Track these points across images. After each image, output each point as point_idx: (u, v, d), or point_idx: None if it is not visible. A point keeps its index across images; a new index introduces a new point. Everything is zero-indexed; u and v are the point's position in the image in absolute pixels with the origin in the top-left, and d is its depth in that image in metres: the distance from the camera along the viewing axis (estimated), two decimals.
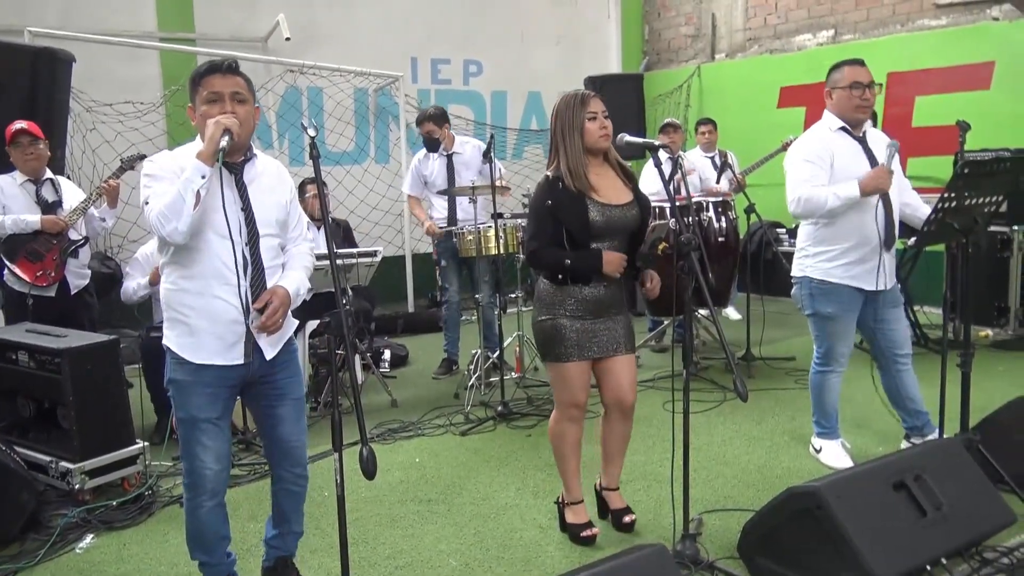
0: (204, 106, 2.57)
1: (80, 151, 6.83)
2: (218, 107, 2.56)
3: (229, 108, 2.56)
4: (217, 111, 2.55)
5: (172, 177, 2.52)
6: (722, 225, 5.78)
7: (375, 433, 4.72)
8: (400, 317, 7.82)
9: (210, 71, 2.58)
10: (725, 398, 5.07)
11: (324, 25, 8.28)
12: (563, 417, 3.24)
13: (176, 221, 2.45)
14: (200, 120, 2.59)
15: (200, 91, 2.58)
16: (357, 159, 8.57)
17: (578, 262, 3.07)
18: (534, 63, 9.65)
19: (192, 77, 2.62)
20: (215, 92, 2.56)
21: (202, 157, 2.46)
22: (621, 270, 3.06)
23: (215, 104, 2.56)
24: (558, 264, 3.09)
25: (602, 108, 3.09)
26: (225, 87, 2.57)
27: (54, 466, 3.83)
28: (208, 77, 2.57)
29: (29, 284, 4.62)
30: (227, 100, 2.57)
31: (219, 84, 2.57)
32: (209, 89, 2.57)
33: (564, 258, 3.07)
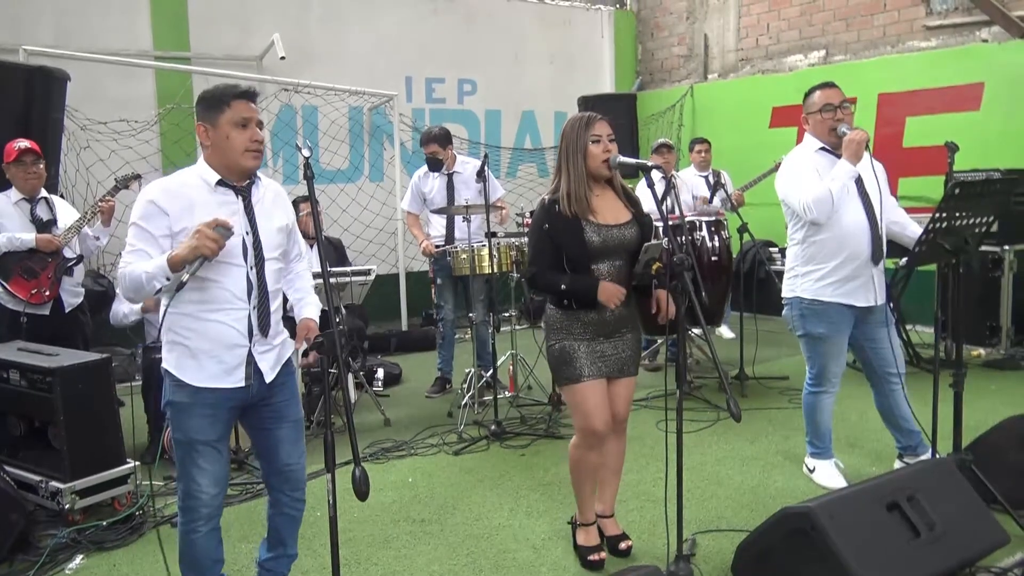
0: (231, 128, 2.54)
1: (74, 169, 6.82)
2: (248, 132, 2.55)
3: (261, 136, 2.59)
4: (247, 136, 2.55)
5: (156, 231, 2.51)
6: (715, 244, 5.81)
7: (368, 452, 4.70)
8: (394, 335, 7.81)
9: (243, 95, 2.57)
10: (719, 418, 5.07)
11: (319, 44, 8.32)
12: (583, 444, 3.21)
13: (133, 295, 2.57)
14: (219, 140, 2.56)
15: (227, 112, 2.54)
16: (351, 177, 8.58)
17: (574, 287, 3.06)
18: (528, 82, 9.70)
19: (215, 96, 2.58)
20: (247, 117, 2.56)
21: (171, 262, 2.42)
22: (617, 303, 3.04)
23: (245, 129, 2.55)
24: (555, 288, 3.09)
25: (608, 132, 3.09)
26: (254, 114, 2.58)
27: (44, 486, 3.80)
28: (241, 101, 2.56)
29: (23, 302, 4.61)
30: (254, 127, 2.58)
31: (249, 110, 2.57)
32: (241, 114, 2.55)
33: (561, 282, 3.06)
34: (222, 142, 2.56)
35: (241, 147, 2.56)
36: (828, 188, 3.56)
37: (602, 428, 3.13)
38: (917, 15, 7.80)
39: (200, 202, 2.56)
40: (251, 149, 2.58)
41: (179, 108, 7.32)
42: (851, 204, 3.65)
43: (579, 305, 3.10)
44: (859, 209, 3.65)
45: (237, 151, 2.56)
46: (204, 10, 7.76)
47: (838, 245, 3.66)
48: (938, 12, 7.68)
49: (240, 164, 2.58)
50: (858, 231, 3.64)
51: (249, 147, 2.57)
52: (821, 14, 8.61)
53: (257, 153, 2.60)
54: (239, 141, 2.55)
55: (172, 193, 2.56)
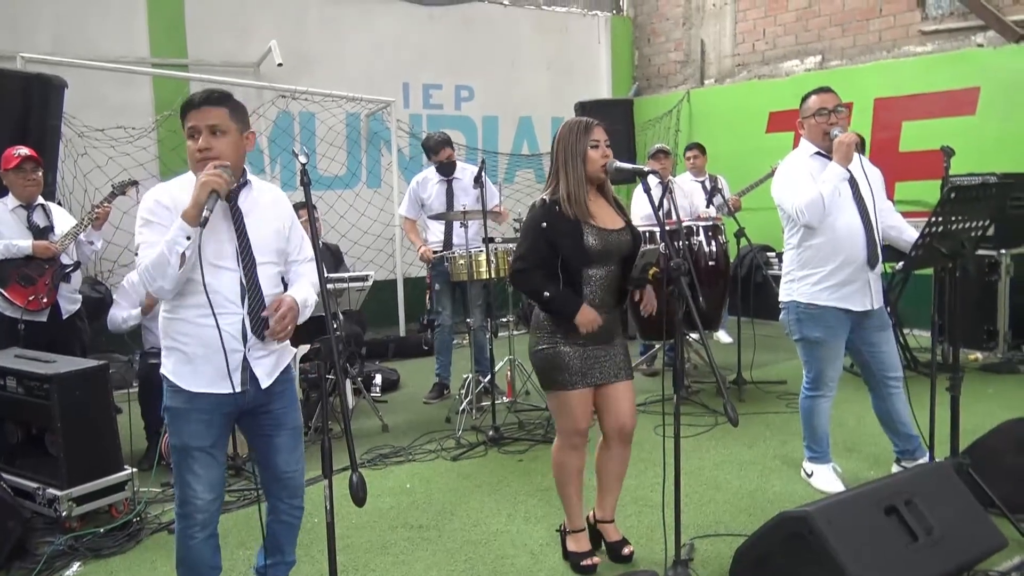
0: (189, 141, 2.59)
1: (72, 176, 6.83)
2: (195, 142, 2.56)
3: (204, 144, 2.54)
4: (194, 148, 2.56)
5: (166, 222, 2.51)
6: (712, 249, 5.81)
7: (366, 458, 4.70)
8: (391, 341, 7.81)
9: (187, 106, 2.59)
10: (716, 422, 5.07)
11: (316, 51, 8.34)
12: (565, 445, 3.22)
13: (161, 280, 2.47)
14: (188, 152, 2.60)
15: (185, 124, 2.59)
16: (349, 183, 8.59)
17: (555, 301, 3.06)
18: (525, 88, 9.72)
19: (181, 108, 2.63)
20: (192, 127, 2.57)
21: (186, 217, 2.44)
22: (591, 330, 3.04)
23: (193, 139, 2.57)
24: (538, 295, 3.08)
25: (605, 137, 3.11)
26: (201, 121, 2.56)
27: (41, 493, 3.80)
28: (187, 111, 2.58)
29: (21, 309, 4.61)
30: (204, 134, 2.55)
31: (195, 118, 2.57)
32: (188, 124, 2.57)
33: (544, 291, 3.06)
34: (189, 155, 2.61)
35: (193, 159, 2.59)
36: (819, 191, 3.57)
37: (587, 427, 3.16)
38: (913, 20, 7.83)
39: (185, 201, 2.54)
40: (195, 158, 2.58)
41: (176, 115, 7.29)
42: (846, 208, 3.66)
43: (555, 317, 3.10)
44: (854, 213, 3.67)
45: (192, 162, 2.59)
46: (201, 17, 7.77)
47: (833, 249, 3.67)
48: (934, 17, 7.71)
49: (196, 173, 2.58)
50: (853, 235, 3.66)
51: (196, 157, 2.58)
52: (817, 19, 8.64)
53: (203, 161, 2.55)
54: (191, 152, 2.58)
55: (172, 194, 2.58)
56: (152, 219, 2.54)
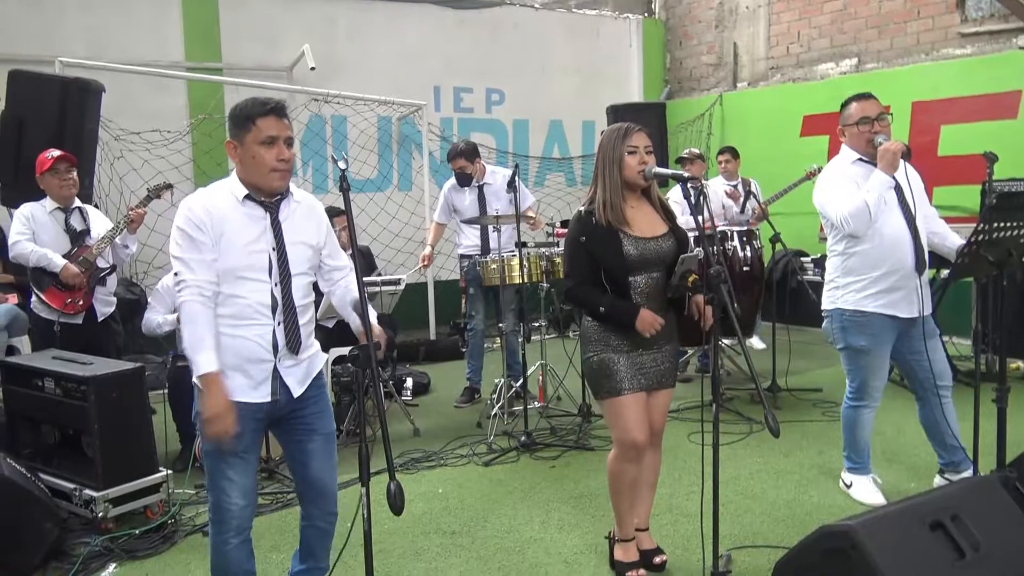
0: (258, 147, 2.51)
1: (108, 179, 6.91)
2: (275, 150, 2.52)
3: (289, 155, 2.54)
4: (273, 155, 2.51)
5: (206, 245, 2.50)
6: (747, 254, 5.75)
7: (398, 463, 4.69)
8: (422, 344, 7.81)
9: (269, 112, 2.52)
10: (751, 430, 5.00)
11: (348, 55, 8.37)
12: (621, 457, 3.16)
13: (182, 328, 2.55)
14: (246, 158, 2.54)
15: (253, 130, 2.51)
16: (380, 186, 8.62)
17: (612, 312, 3.03)
18: (555, 92, 9.69)
19: (242, 113, 2.54)
20: (272, 136, 2.52)
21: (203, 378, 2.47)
22: (653, 333, 3.00)
23: (271, 147, 2.52)
24: (593, 309, 3.06)
25: (645, 143, 3.06)
26: (281, 131, 2.54)
27: (78, 494, 3.83)
28: (266, 118, 2.51)
29: (58, 312, 4.66)
30: (283, 144, 2.54)
31: (275, 128, 2.53)
32: (267, 132, 2.51)
33: (599, 305, 3.03)
34: (249, 160, 2.53)
35: (267, 167, 2.52)
36: (864, 200, 3.50)
37: (642, 440, 3.09)
38: (952, 22, 7.69)
39: (228, 216, 2.55)
40: (277, 168, 2.53)
41: (211, 119, 7.39)
42: (892, 214, 3.59)
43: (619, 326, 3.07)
44: (900, 219, 3.59)
45: (263, 170, 2.53)
46: (235, 22, 7.84)
47: (880, 255, 3.60)
48: (973, 19, 7.57)
49: (266, 184, 2.56)
50: (900, 241, 3.58)
51: (276, 167, 2.53)
52: (853, 22, 8.52)
53: (284, 172, 2.56)
54: (265, 160, 2.52)
55: (204, 206, 2.55)
56: (189, 231, 2.52)
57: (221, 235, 2.51)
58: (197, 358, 2.47)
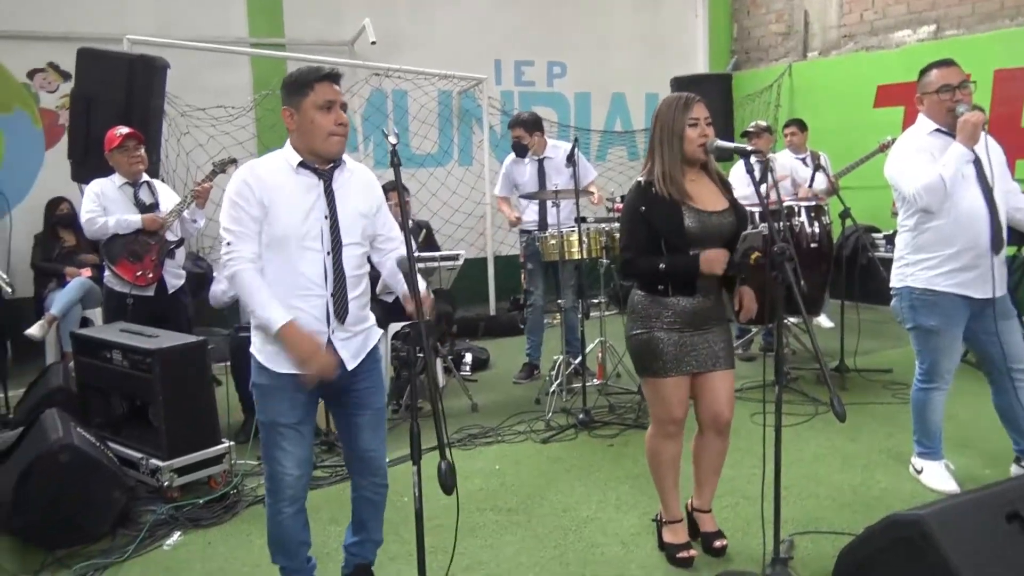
0: (316, 112, 2.52)
1: (175, 155, 7.04)
2: (332, 115, 2.53)
3: (345, 119, 2.57)
4: (331, 119, 2.52)
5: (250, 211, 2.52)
6: (814, 230, 5.56)
7: (455, 438, 4.69)
8: (482, 320, 7.81)
9: (326, 77, 2.53)
10: (816, 412, 4.86)
11: (409, 29, 8.35)
12: (659, 433, 3.12)
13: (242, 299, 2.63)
14: (304, 124, 2.55)
15: (310, 95, 2.52)
16: (440, 161, 8.61)
17: (673, 267, 2.93)
18: (618, 64, 9.52)
19: (299, 79, 2.55)
20: (331, 100, 2.53)
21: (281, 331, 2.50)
22: (721, 267, 2.89)
23: (329, 112, 2.53)
24: (652, 271, 2.97)
25: (705, 114, 2.95)
26: (337, 97, 2.55)
27: (145, 463, 3.93)
28: (324, 83, 2.53)
29: (130, 284, 4.77)
30: (338, 109, 2.55)
31: (332, 93, 2.54)
32: (325, 97, 2.52)
33: (658, 263, 2.94)
34: (307, 126, 2.54)
35: (326, 130, 2.53)
36: (939, 174, 3.33)
37: (682, 416, 3.04)
38: None
39: (282, 184, 2.56)
40: (336, 133, 2.55)
41: (274, 94, 7.43)
42: (969, 189, 3.40)
43: (678, 288, 2.97)
44: (978, 195, 3.41)
45: (322, 135, 2.54)
46: None
47: (954, 232, 3.42)
48: None
49: (324, 149, 2.57)
50: (976, 218, 3.40)
51: (334, 131, 2.54)
52: None
53: (342, 137, 2.57)
54: (323, 124, 2.53)
55: (258, 174, 2.57)
56: (238, 201, 2.55)
57: (273, 203, 2.52)
58: (267, 315, 2.49)
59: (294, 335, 2.50)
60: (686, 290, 2.97)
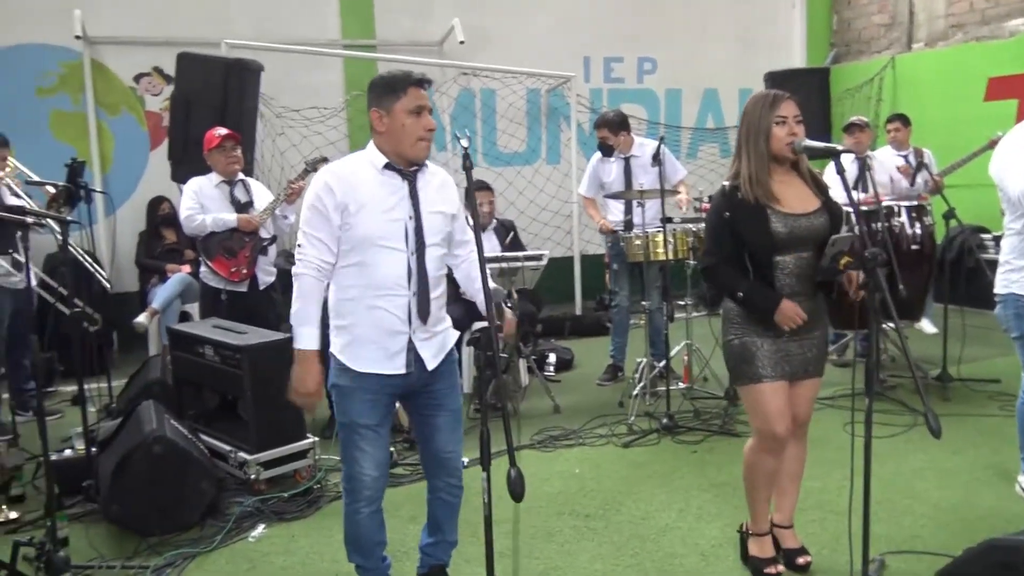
0: (407, 116, 2.55)
1: (270, 155, 7.25)
2: (422, 120, 2.56)
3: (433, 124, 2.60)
4: (421, 124, 2.55)
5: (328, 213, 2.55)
6: (916, 231, 5.29)
7: (536, 439, 4.67)
8: (567, 319, 7.76)
9: (417, 83, 2.57)
10: (915, 423, 4.62)
11: (497, 28, 8.36)
12: (760, 448, 3.00)
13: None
14: (394, 127, 2.56)
15: (402, 99, 2.54)
16: (528, 160, 8.61)
17: (751, 298, 2.84)
18: (711, 59, 9.31)
19: (391, 83, 2.58)
20: (421, 105, 2.56)
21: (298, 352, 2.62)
22: (793, 327, 2.80)
23: (419, 117, 2.56)
24: (731, 292, 2.89)
25: (794, 112, 2.83)
26: (426, 102, 2.59)
27: (233, 456, 4.05)
28: (415, 88, 2.56)
29: (224, 280, 4.93)
30: (427, 114, 2.58)
31: (423, 98, 2.57)
32: (416, 101, 2.55)
33: (737, 288, 2.85)
34: (396, 129, 2.56)
35: (415, 135, 2.56)
36: None
37: (783, 432, 2.89)
38: None
39: (366, 184, 2.58)
40: (424, 138, 2.58)
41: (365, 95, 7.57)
42: None
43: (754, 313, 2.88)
44: None
45: (410, 139, 2.57)
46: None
47: None
48: None
49: (412, 153, 2.59)
50: None
51: (423, 136, 2.57)
52: None
53: (429, 142, 2.61)
54: (413, 129, 2.55)
55: (341, 176, 2.59)
56: (316, 204, 2.58)
57: (356, 204, 2.54)
58: (300, 330, 2.59)
59: (307, 364, 2.60)
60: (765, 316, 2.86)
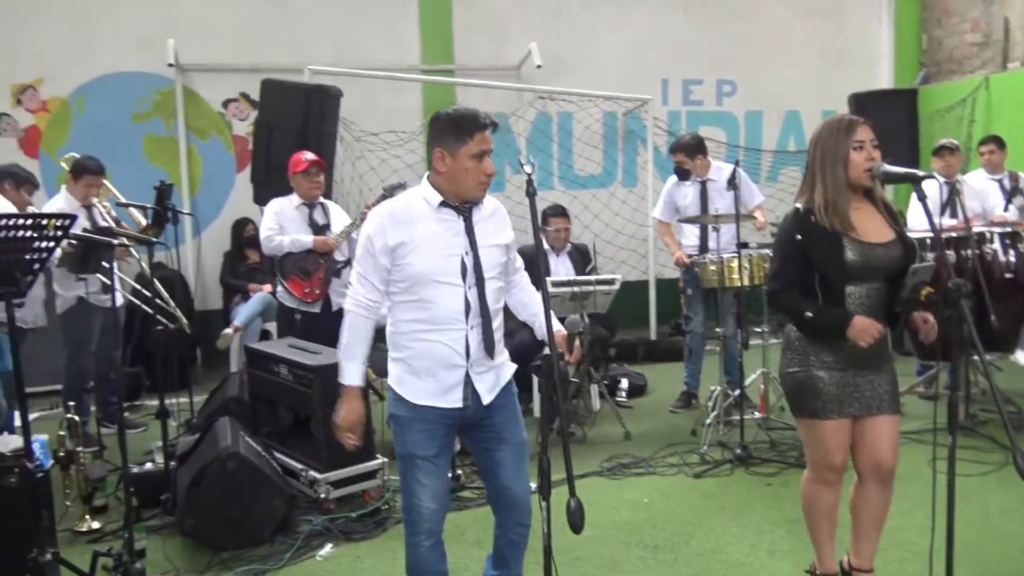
0: (470, 160, 2.52)
1: (349, 178, 7.41)
2: (484, 164, 2.54)
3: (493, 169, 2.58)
4: (483, 169, 2.54)
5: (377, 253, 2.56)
6: (1009, 259, 5.04)
7: (605, 466, 4.62)
8: (641, 344, 7.67)
9: (484, 127, 2.54)
10: (1006, 460, 4.37)
11: (574, 51, 8.38)
12: (816, 479, 2.92)
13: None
14: (456, 169, 2.53)
15: (469, 144, 2.52)
16: (604, 183, 8.59)
17: (820, 319, 2.74)
18: (793, 80, 9.11)
19: (459, 125, 2.53)
20: (485, 150, 2.55)
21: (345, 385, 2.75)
22: (870, 341, 2.68)
23: (481, 161, 2.54)
24: (798, 316, 2.79)
25: (871, 137, 2.74)
26: (490, 146, 2.57)
27: (305, 474, 4.12)
28: (483, 133, 2.53)
29: (298, 300, 5.05)
30: (488, 158, 2.56)
31: (488, 143, 2.55)
32: (481, 147, 2.53)
33: (805, 310, 2.76)
34: (458, 172, 2.54)
35: (476, 180, 2.56)
36: None
37: (841, 463, 2.81)
38: None
39: (422, 222, 2.57)
40: (484, 183, 2.59)
41: None
42: None
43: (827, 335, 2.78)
44: None
45: (471, 183, 2.56)
46: (467, 23, 8.12)
47: None
48: None
49: (472, 195, 2.59)
50: None
51: (483, 180, 2.57)
52: None
53: (488, 185, 2.61)
54: (475, 174, 2.55)
55: (395, 213, 2.59)
56: (367, 245, 2.59)
57: (413, 243, 2.53)
58: (346, 366, 2.71)
59: (352, 400, 2.72)
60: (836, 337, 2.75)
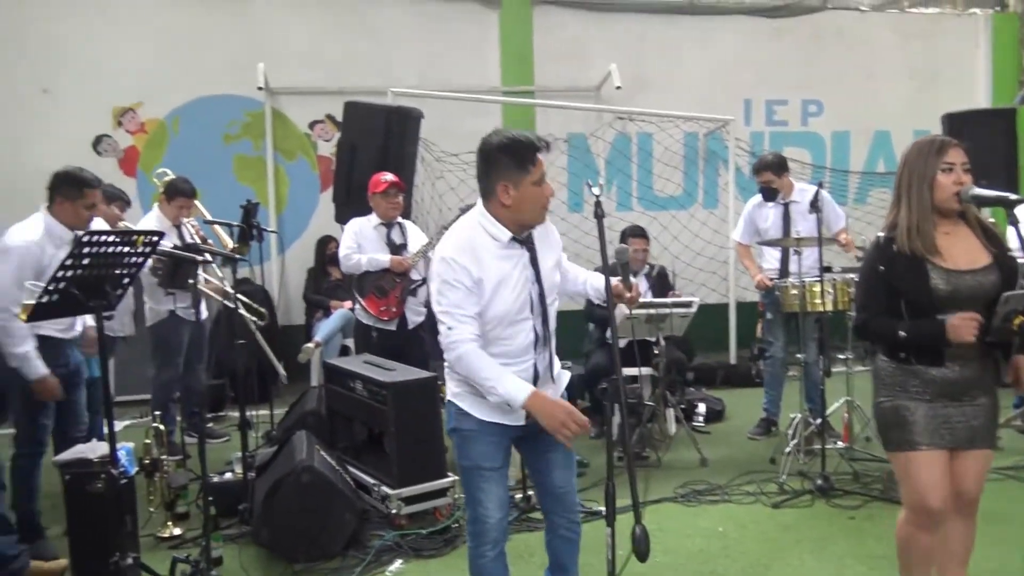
0: (533, 187, 2.49)
1: (429, 197, 7.51)
2: (545, 187, 2.52)
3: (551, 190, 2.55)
4: (545, 193, 2.52)
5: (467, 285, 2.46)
6: None
7: (680, 493, 4.52)
8: (720, 368, 7.51)
9: (539, 149, 2.49)
10: None
11: (655, 71, 8.34)
12: (912, 522, 2.78)
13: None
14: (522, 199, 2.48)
15: (532, 171, 2.47)
16: (684, 204, 8.49)
17: (914, 334, 2.62)
18: (882, 100, 8.87)
19: (517, 155, 2.47)
20: (543, 173, 2.52)
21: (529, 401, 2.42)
22: (972, 335, 2.52)
23: (543, 184, 2.52)
24: (891, 337, 2.67)
25: (962, 159, 2.63)
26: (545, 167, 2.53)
27: (377, 489, 4.16)
28: (540, 157, 2.49)
29: (374, 318, 5.14)
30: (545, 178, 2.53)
31: (544, 165, 2.51)
32: (541, 171, 2.50)
33: (897, 330, 2.64)
34: (524, 202, 2.51)
35: (540, 204, 2.54)
36: None
37: (938, 506, 2.65)
38: None
39: (494, 261, 2.53)
40: (547, 206, 2.57)
41: None
42: None
43: (921, 357, 2.65)
44: None
45: (537, 208, 2.55)
46: (547, 45, 8.17)
47: None
48: None
49: (535, 220, 2.58)
50: None
51: (545, 204, 2.56)
52: None
53: (547, 208, 2.59)
54: (539, 199, 2.53)
55: (463, 248, 2.52)
56: (450, 280, 2.49)
57: (491, 284, 2.51)
58: (507, 391, 2.45)
59: (543, 404, 2.45)
60: (933, 358, 2.62)
